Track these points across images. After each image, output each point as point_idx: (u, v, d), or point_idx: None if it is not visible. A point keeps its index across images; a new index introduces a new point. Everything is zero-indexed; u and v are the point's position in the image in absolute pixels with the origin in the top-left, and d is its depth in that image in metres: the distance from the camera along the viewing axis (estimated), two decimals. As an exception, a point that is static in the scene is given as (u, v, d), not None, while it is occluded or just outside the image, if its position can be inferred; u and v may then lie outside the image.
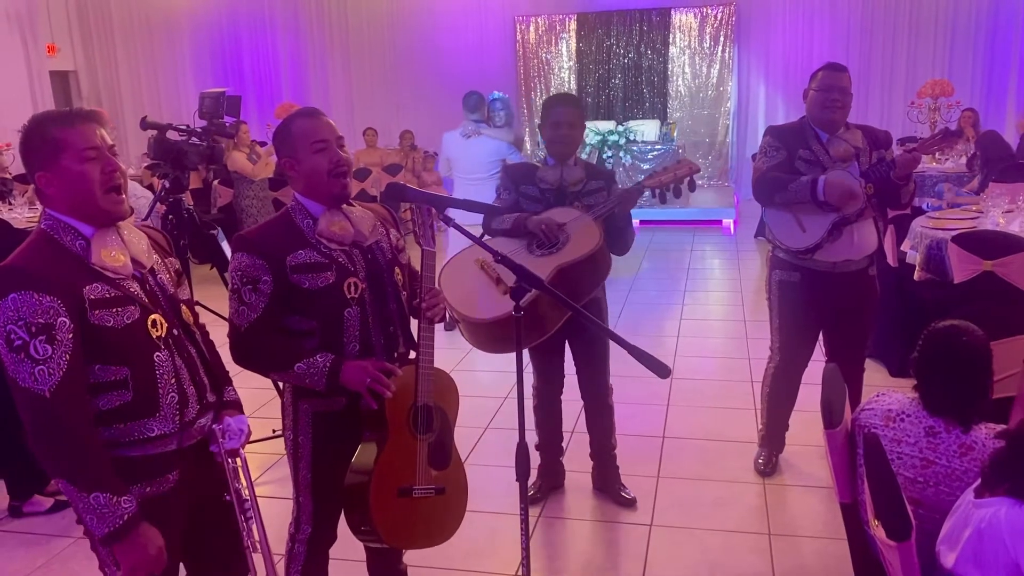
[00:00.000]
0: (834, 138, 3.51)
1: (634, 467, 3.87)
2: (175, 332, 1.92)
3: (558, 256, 3.17)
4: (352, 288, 2.27)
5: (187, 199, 8.30)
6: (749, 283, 7.57)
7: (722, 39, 11.82)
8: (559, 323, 3.18)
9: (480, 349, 3.30)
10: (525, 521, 2.18)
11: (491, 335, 3.16)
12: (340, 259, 2.27)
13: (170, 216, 3.76)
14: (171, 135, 3.79)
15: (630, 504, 3.64)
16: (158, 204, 3.99)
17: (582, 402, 3.68)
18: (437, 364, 2.37)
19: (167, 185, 3.75)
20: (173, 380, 1.89)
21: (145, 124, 3.80)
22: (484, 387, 5.04)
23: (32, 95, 11.35)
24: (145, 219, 4.06)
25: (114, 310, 1.79)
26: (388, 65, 12.54)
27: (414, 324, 2.41)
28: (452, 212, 2.32)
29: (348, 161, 2.29)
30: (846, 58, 10.85)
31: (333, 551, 2.57)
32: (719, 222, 10.41)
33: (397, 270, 2.40)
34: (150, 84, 13.09)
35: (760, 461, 3.93)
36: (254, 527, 2.02)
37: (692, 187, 3.48)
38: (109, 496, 1.75)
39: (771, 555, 3.25)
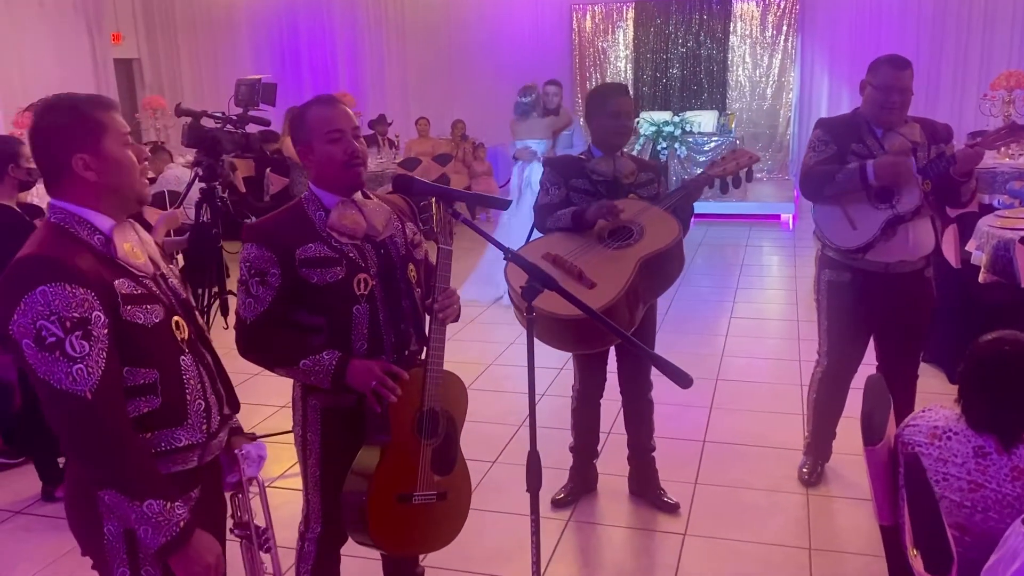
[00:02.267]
0: (890, 132, 3.29)
1: (671, 472, 3.72)
2: (192, 337, 1.82)
3: (638, 248, 3.02)
4: (362, 284, 2.19)
5: (239, 184, 8.43)
6: (805, 281, 7.29)
7: (785, 28, 11.46)
8: (635, 324, 3.02)
9: (549, 345, 3.09)
10: (536, 533, 2.07)
11: (566, 333, 2.97)
12: (351, 254, 2.19)
13: (204, 204, 3.74)
14: (206, 122, 3.77)
15: (672, 509, 3.49)
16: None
17: (618, 403, 3.54)
18: (477, 357, 2.28)
19: (200, 172, 3.72)
20: (199, 386, 1.78)
21: (180, 111, 3.78)
22: (520, 384, 4.93)
23: (96, 82, 11.58)
24: (178, 206, 4.06)
25: (144, 307, 1.69)
26: (443, 54, 12.48)
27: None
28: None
29: (363, 152, 2.21)
30: (915, 48, 10.41)
31: (345, 549, 2.50)
32: (777, 217, 10.11)
33: (411, 266, 2.32)
34: (210, 73, 13.27)
35: (804, 470, 3.74)
36: (267, 558, 2.00)
37: (750, 177, 3.35)
38: (162, 503, 1.64)
39: (810, 571, 3.08)
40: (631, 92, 11.52)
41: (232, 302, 3.86)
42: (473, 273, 7.10)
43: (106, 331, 1.61)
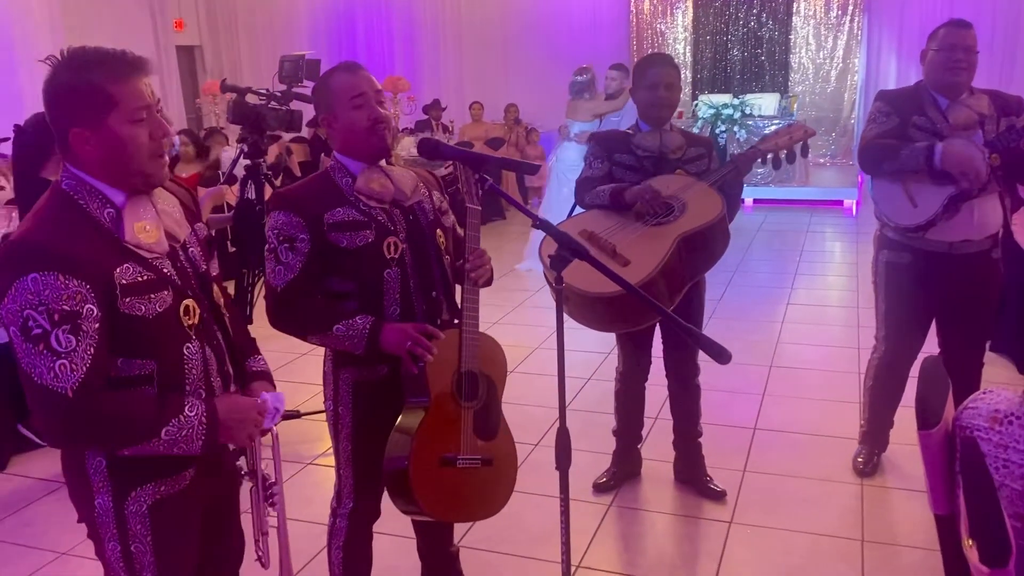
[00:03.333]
0: (955, 104, 3.11)
1: (719, 458, 3.60)
2: (204, 316, 1.71)
3: (677, 225, 2.90)
4: (392, 248, 2.15)
5: (295, 168, 8.49)
6: (867, 268, 7.01)
7: (851, 9, 11.10)
8: (676, 301, 2.91)
9: (585, 326, 3.01)
10: (565, 513, 2.00)
11: (601, 313, 2.88)
12: (380, 217, 2.16)
13: (249, 181, 3.74)
14: (250, 99, 3.76)
15: (718, 496, 3.38)
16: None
17: (665, 388, 3.44)
18: (523, 340, 2.22)
19: (245, 149, 3.72)
20: (202, 374, 1.69)
21: (224, 87, 3.79)
22: (567, 367, 4.83)
23: (159, 69, 11.81)
24: (224, 182, 4.08)
25: (147, 296, 1.57)
26: (498, 38, 12.40)
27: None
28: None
29: (386, 117, 2.16)
30: (991, 27, 9.97)
31: (379, 526, 2.46)
32: (840, 203, 9.81)
33: (440, 232, 2.27)
34: (269, 59, 13.38)
35: (859, 460, 3.59)
36: (271, 513, 1.91)
37: (805, 152, 3.19)
38: (175, 422, 1.55)
39: (862, 564, 2.94)
40: (688, 74, 11.46)
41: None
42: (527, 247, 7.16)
43: (97, 325, 1.51)
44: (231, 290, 3.95)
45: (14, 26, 8.16)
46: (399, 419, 2.17)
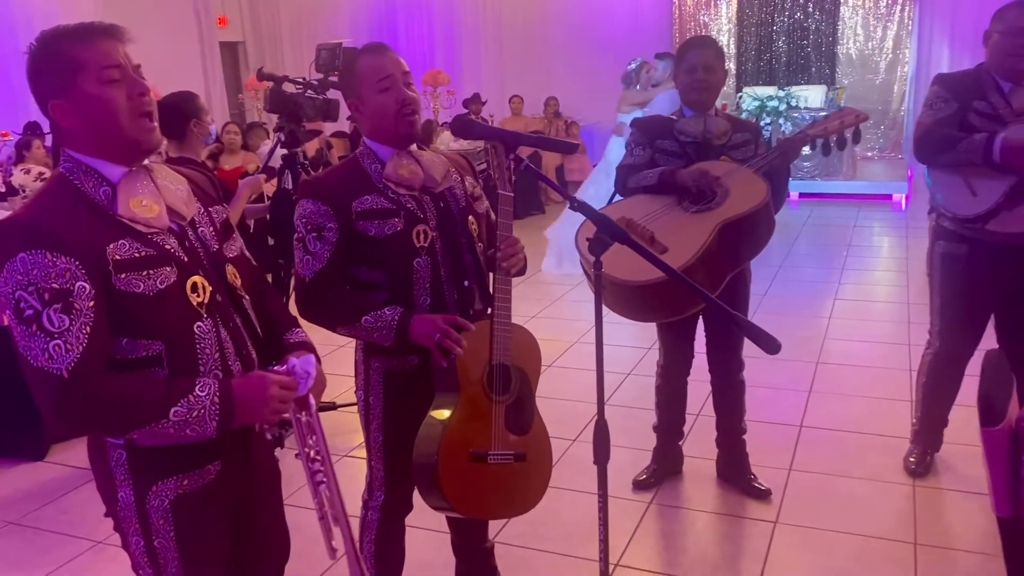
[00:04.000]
0: (1019, 88, 2.96)
1: (763, 457, 3.49)
2: (218, 298, 1.62)
3: (718, 212, 2.80)
4: (421, 236, 2.09)
5: (335, 162, 8.49)
6: (918, 263, 6.82)
7: (901, -2, 10.80)
8: (718, 290, 2.80)
9: (623, 316, 2.91)
10: (604, 510, 1.92)
11: (640, 302, 2.78)
12: (409, 205, 2.09)
13: (286, 170, 3.71)
14: (287, 87, 3.73)
15: (763, 495, 3.27)
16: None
17: (708, 382, 3.33)
18: (562, 335, 2.14)
19: (282, 138, 3.69)
20: (217, 355, 1.59)
21: (261, 75, 3.76)
22: (606, 362, 4.73)
23: (203, 65, 11.95)
24: (261, 172, 4.05)
25: (144, 273, 1.49)
26: (538, 31, 12.31)
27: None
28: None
29: (415, 100, 2.09)
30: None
31: (413, 520, 2.41)
32: (889, 197, 9.55)
33: (472, 219, 2.20)
34: (311, 55, 13.47)
35: (912, 460, 3.45)
36: (324, 494, 1.71)
37: (857, 138, 3.05)
38: (184, 402, 1.46)
39: (915, 568, 2.82)
40: (732, 66, 11.25)
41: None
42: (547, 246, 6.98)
43: (91, 303, 1.44)
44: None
45: (58, 21, 8.27)
46: (428, 413, 2.11)
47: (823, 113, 9.70)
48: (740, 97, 10.64)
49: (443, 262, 2.12)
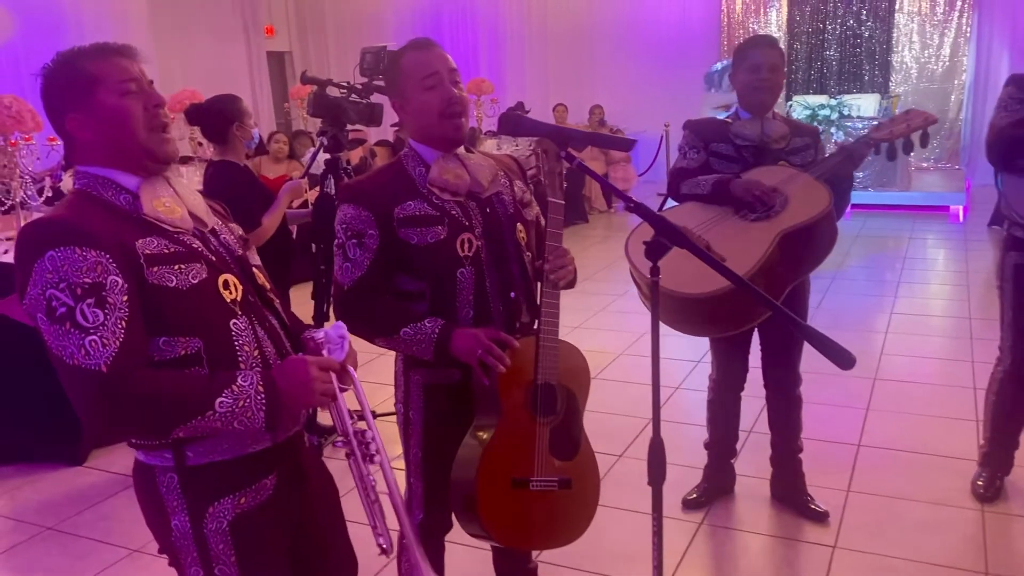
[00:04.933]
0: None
1: (820, 477, 3.32)
2: (251, 298, 1.57)
3: (778, 221, 2.65)
4: (466, 245, 1.98)
5: (375, 164, 8.48)
6: (978, 276, 6.58)
7: (959, 4, 10.50)
8: (781, 298, 2.66)
9: (676, 330, 2.76)
10: (658, 533, 1.79)
11: (695, 315, 2.64)
12: (453, 212, 1.99)
13: (328, 175, 3.65)
14: (331, 91, 3.67)
15: (820, 517, 3.11)
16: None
17: (762, 398, 3.18)
18: (607, 346, 2.02)
19: (325, 143, 3.63)
20: (257, 353, 1.53)
21: (305, 79, 3.71)
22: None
23: (250, 74, 12.06)
24: (303, 176, 4.00)
25: (176, 267, 1.46)
26: (584, 38, 12.21)
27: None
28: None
29: (462, 99, 1.98)
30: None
31: (453, 536, 2.29)
32: (945, 208, 9.24)
33: (520, 227, 2.08)
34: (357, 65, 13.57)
35: (980, 483, 3.25)
36: (378, 475, 1.58)
37: (925, 141, 2.88)
38: (230, 393, 1.39)
39: (987, 601, 2.64)
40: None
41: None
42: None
43: (125, 297, 1.39)
44: (309, 291, 3.87)
45: (109, 34, 8.39)
46: (468, 435, 1.99)
47: (876, 122, 9.46)
48: (790, 106, 10.41)
49: (488, 272, 2.00)
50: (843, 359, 1.52)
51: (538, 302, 2.02)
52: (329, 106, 3.62)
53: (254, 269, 1.66)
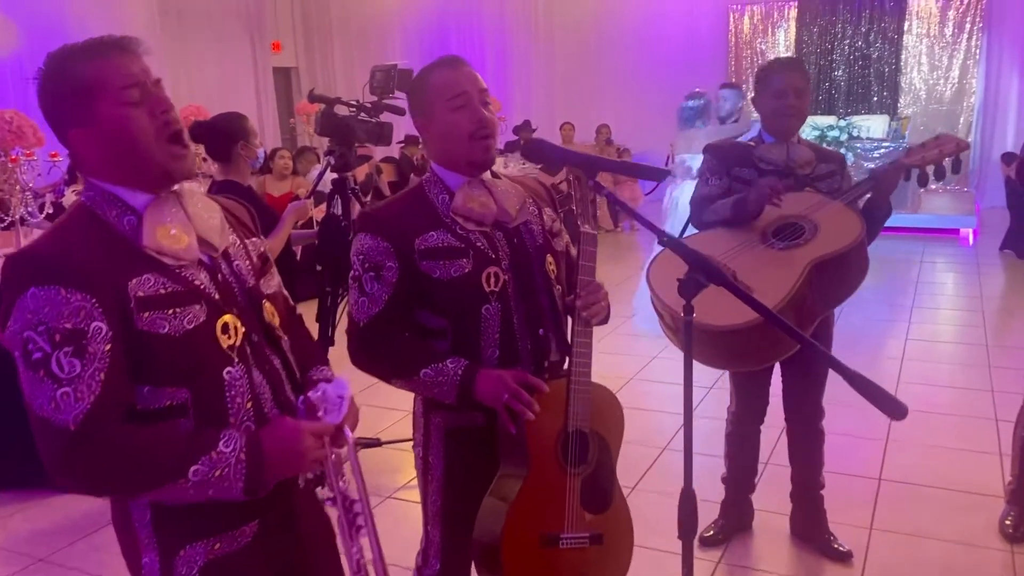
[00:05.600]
0: None
1: (841, 513, 3.19)
2: (254, 338, 1.45)
3: (808, 249, 2.55)
4: (492, 280, 1.85)
5: (385, 188, 8.41)
6: (992, 302, 6.48)
7: (968, 26, 10.45)
8: (810, 331, 2.55)
9: (704, 364, 2.63)
10: (688, 588, 1.67)
11: (725, 348, 2.53)
12: (479, 243, 1.86)
13: (335, 195, 3.56)
14: (339, 110, 3.59)
15: (843, 557, 2.98)
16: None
17: (777, 427, 3.07)
18: (617, 371, 1.90)
19: (332, 162, 3.54)
20: (250, 404, 1.41)
21: (312, 97, 3.63)
22: (664, 401, 4.49)
23: (256, 90, 12.02)
24: (309, 196, 3.91)
25: (170, 311, 1.33)
26: (591, 58, 12.17)
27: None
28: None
29: (491, 122, 1.85)
30: None
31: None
32: (955, 231, 9.15)
33: (550, 258, 1.95)
34: (363, 81, 13.46)
35: (1008, 523, 3.13)
36: (365, 543, 1.53)
37: (957, 168, 2.78)
38: (207, 460, 1.29)
39: (1023, 651, 2.51)
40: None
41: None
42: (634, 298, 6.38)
43: (108, 346, 1.27)
44: (313, 311, 3.77)
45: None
46: (493, 485, 1.86)
47: (885, 145, 9.38)
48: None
49: (516, 308, 1.87)
50: (894, 409, 1.41)
51: (569, 339, 1.89)
52: (337, 125, 3.54)
53: (264, 302, 1.51)
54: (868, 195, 2.75)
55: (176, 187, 1.42)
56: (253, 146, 3.35)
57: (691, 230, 2.90)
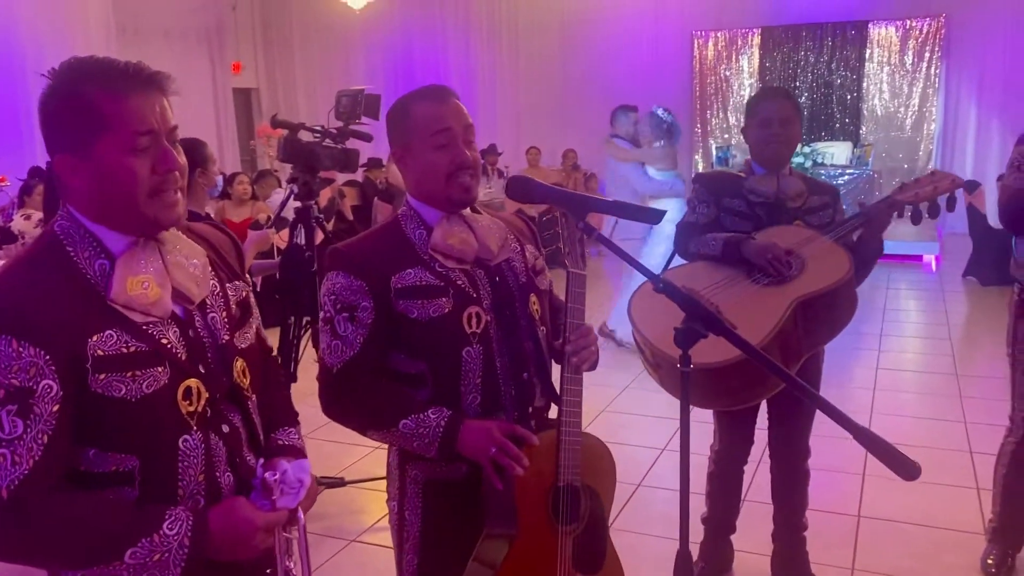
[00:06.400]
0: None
1: (822, 553, 3.10)
2: (217, 401, 1.35)
3: (794, 287, 2.46)
4: (474, 320, 1.72)
5: (347, 212, 8.24)
6: (959, 329, 6.50)
7: (927, 54, 10.61)
8: (795, 369, 2.45)
9: (678, 399, 2.56)
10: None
11: (708, 386, 2.43)
12: (459, 281, 1.74)
13: (298, 224, 3.41)
14: (303, 135, 3.45)
15: None
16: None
17: (757, 463, 2.97)
18: (588, 402, 1.76)
19: (295, 190, 3.40)
20: (202, 475, 1.31)
21: (276, 122, 3.49)
22: (638, 435, 4.39)
23: (216, 111, 11.80)
24: (270, 226, 3.76)
25: (130, 374, 1.22)
26: (556, 82, 12.15)
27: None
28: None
29: (475, 162, 1.74)
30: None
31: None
32: (919, 258, 9.23)
33: (533, 298, 1.83)
34: (326, 102, 13.29)
35: (990, 561, 3.06)
36: None
37: (952, 205, 2.72)
38: (147, 543, 1.19)
39: None
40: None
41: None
42: (615, 307, 6.29)
43: (56, 407, 1.17)
44: (275, 341, 3.61)
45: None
46: (477, 548, 1.71)
47: (849, 171, 9.46)
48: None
49: (498, 351, 1.75)
50: (907, 470, 1.31)
51: (554, 382, 1.78)
52: (301, 152, 3.40)
53: (236, 359, 1.39)
54: (859, 231, 2.68)
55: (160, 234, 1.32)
56: (211, 173, 3.19)
57: (677, 260, 2.80)
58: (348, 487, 3.81)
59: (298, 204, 3.44)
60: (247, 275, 1.57)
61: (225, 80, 12.10)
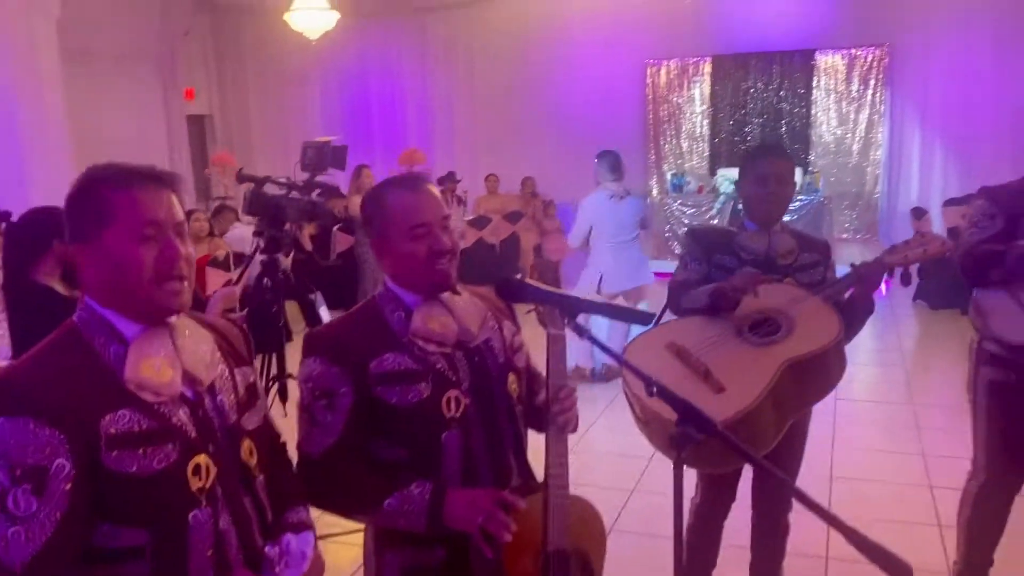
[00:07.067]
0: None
1: (794, 598, 3.15)
2: (225, 479, 1.41)
3: (784, 348, 2.46)
4: (452, 404, 1.74)
5: (306, 242, 8.16)
6: (911, 356, 6.67)
7: (872, 82, 10.90)
8: (778, 439, 2.46)
9: (662, 453, 2.54)
10: None
11: (699, 453, 2.36)
12: (439, 365, 1.75)
13: (265, 279, 3.38)
14: (269, 188, 3.42)
15: None
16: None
17: (737, 510, 3.00)
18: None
19: (262, 244, 3.37)
20: (211, 551, 1.36)
21: (241, 177, 3.46)
22: (607, 477, 4.40)
23: (168, 138, 11.61)
24: (236, 282, 3.71)
25: (141, 451, 1.29)
26: (513, 110, 12.20)
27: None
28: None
29: (453, 248, 1.76)
30: (1014, 104, 9.77)
31: None
32: (869, 282, 9.43)
33: (512, 377, 1.85)
34: (280, 129, 13.16)
35: (956, 603, 3.14)
36: None
37: (907, 281, 2.78)
38: None
39: None
40: (705, 147, 11.20)
41: (293, 387, 3.46)
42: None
43: (69, 485, 1.24)
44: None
45: (20, 97, 7.88)
46: None
47: (800, 197, 9.64)
48: (716, 179, 10.58)
49: (475, 434, 1.76)
50: (899, 570, 1.34)
51: (528, 462, 1.79)
52: (267, 205, 3.38)
53: (244, 440, 1.47)
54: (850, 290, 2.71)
55: (172, 319, 1.40)
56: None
57: (668, 315, 2.82)
58: (329, 540, 3.75)
59: (264, 257, 3.40)
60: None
61: (178, 107, 11.93)
